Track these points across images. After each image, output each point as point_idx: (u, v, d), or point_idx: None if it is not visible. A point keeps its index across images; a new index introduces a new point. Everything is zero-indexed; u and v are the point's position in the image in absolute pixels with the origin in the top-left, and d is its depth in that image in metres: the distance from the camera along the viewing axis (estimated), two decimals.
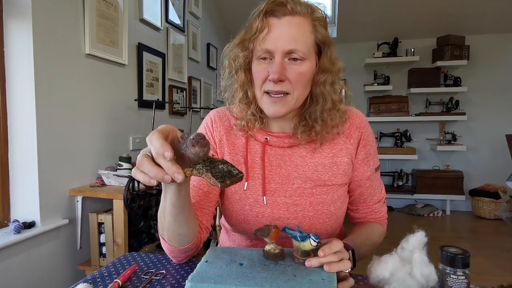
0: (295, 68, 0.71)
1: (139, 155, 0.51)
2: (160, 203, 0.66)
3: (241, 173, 0.53)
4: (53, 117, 1.63)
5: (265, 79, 0.73)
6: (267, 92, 0.74)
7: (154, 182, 0.50)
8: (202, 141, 0.49)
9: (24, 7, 1.50)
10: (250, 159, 0.82)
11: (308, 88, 0.77)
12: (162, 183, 0.54)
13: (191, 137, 0.49)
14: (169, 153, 0.48)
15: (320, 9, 0.76)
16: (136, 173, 0.51)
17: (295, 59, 0.71)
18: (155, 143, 0.49)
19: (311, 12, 0.73)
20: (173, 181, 0.50)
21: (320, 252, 0.60)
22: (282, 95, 0.73)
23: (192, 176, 0.52)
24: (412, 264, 0.59)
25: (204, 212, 0.81)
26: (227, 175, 0.51)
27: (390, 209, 4.12)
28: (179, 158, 0.52)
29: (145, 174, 0.50)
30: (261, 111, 0.80)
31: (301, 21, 0.71)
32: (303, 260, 0.61)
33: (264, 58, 0.73)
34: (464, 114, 3.83)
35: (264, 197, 0.80)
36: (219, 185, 0.49)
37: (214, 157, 0.54)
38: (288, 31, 0.70)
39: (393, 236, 0.84)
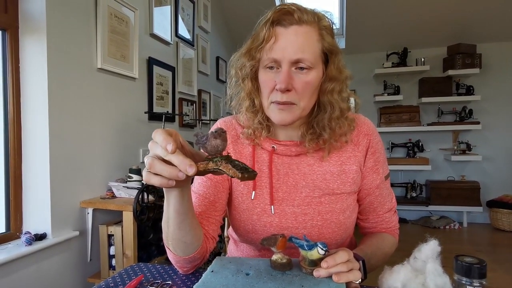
0: (302, 77, 0.71)
1: (146, 159, 0.50)
2: (164, 212, 0.65)
3: (255, 172, 0.53)
4: (65, 130, 1.67)
5: (272, 88, 0.73)
6: (274, 102, 0.73)
7: (172, 183, 0.49)
8: (223, 134, 0.49)
9: (39, 24, 1.55)
10: (257, 168, 0.81)
11: (315, 97, 0.76)
12: (164, 190, 0.54)
13: (212, 130, 0.49)
14: (171, 145, 0.47)
15: (327, 17, 0.76)
16: (149, 178, 0.50)
17: (302, 68, 0.71)
18: (158, 139, 0.48)
19: (318, 20, 0.73)
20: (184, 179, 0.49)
21: (323, 264, 0.58)
22: (289, 104, 0.72)
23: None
24: (425, 274, 0.57)
25: (210, 222, 0.80)
26: (244, 170, 0.51)
27: (404, 221, 4.02)
28: (189, 157, 0.51)
29: (159, 176, 0.49)
30: (268, 119, 0.79)
31: (308, 30, 0.71)
32: (311, 270, 0.59)
33: (271, 67, 0.73)
34: (478, 123, 3.75)
35: (272, 206, 0.79)
36: (239, 176, 0.49)
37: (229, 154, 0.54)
38: (295, 40, 0.70)
39: (407, 249, 0.82)
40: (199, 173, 0.50)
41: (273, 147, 0.81)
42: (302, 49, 0.69)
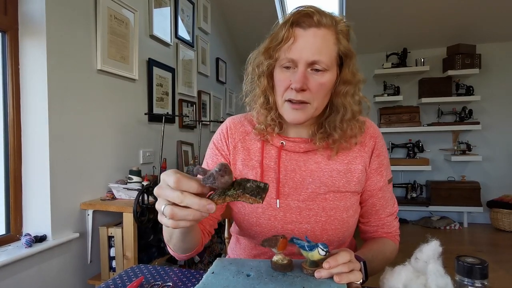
0: (317, 78, 0.73)
1: (162, 206, 0.50)
2: (165, 228, 0.68)
3: (267, 184, 0.53)
4: (65, 131, 1.66)
5: (287, 87, 0.75)
6: (288, 100, 0.75)
7: (201, 219, 0.51)
8: (228, 169, 0.50)
9: (38, 26, 1.55)
10: (265, 163, 0.83)
11: (327, 98, 0.78)
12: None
13: (217, 169, 0.50)
14: (213, 206, 0.49)
15: (344, 21, 0.78)
16: (178, 224, 0.51)
17: (317, 70, 0.73)
18: (189, 201, 0.49)
19: (336, 24, 0.75)
20: None
21: (325, 264, 0.58)
22: (302, 103, 0.74)
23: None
24: (426, 275, 0.57)
25: (208, 218, 0.83)
26: (259, 190, 0.51)
27: (404, 221, 4.02)
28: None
29: (184, 221, 0.50)
30: (280, 116, 0.81)
31: (326, 33, 0.73)
32: (312, 270, 0.59)
33: (288, 67, 0.75)
34: (478, 123, 3.75)
35: (278, 200, 0.80)
36: (260, 202, 0.51)
37: (235, 179, 0.54)
38: (313, 42, 0.72)
39: (408, 249, 0.81)
40: None
41: (282, 143, 0.83)
42: (319, 51, 0.72)
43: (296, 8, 0.75)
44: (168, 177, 0.50)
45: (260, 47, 0.80)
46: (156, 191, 0.51)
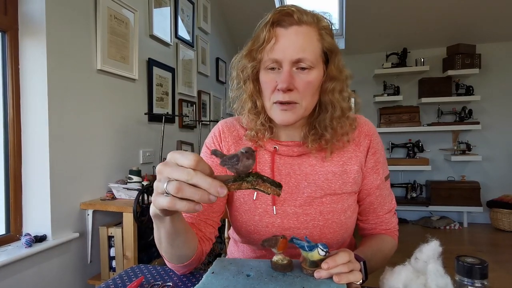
0: (303, 77, 0.71)
1: (164, 184, 0.45)
2: (154, 230, 0.64)
3: (280, 183, 0.51)
4: (65, 131, 1.66)
5: (273, 89, 0.73)
6: (276, 102, 0.74)
7: (199, 208, 0.45)
8: (254, 154, 0.48)
9: (38, 26, 1.55)
10: (259, 168, 0.82)
11: (316, 97, 0.76)
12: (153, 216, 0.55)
13: (243, 150, 0.47)
14: (224, 190, 0.44)
15: (325, 18, 0.76)
16: (174, 203, 0.45)
17: (303, 68, 0.71)
18: (200, 179, 0.44)
19: (317, 21, 0.74)
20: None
21: (323, 265, 0.57)
22: (291, 104, 0.73)
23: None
24: (426, 275, 0.57)
25: (208, 224, 0.80)
26: (276, 185, 0.49)
27: (404, 221, 4.02)
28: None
29: (186, 201, 0.45)
30: (270, 120, 0.80)
31: (308, 30, 0.72)
32: (312, 271, 0.59)
33: (272, 69, 0.73)
34: (478, 123, 3.75)
35: (274, 206, 0.79)
36: (279, 193, 0.49)
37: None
38: (295, 40, 0.70)
39: (408, 249, 0.81)
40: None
41: (275, 147, 0.81)
42: (302, 49, 0.70)
43: (276, 9, 0.74)
44: (182, 156, 0.45)
45: (243, 50, 0.78)
46: (160, 167, 0.46)
